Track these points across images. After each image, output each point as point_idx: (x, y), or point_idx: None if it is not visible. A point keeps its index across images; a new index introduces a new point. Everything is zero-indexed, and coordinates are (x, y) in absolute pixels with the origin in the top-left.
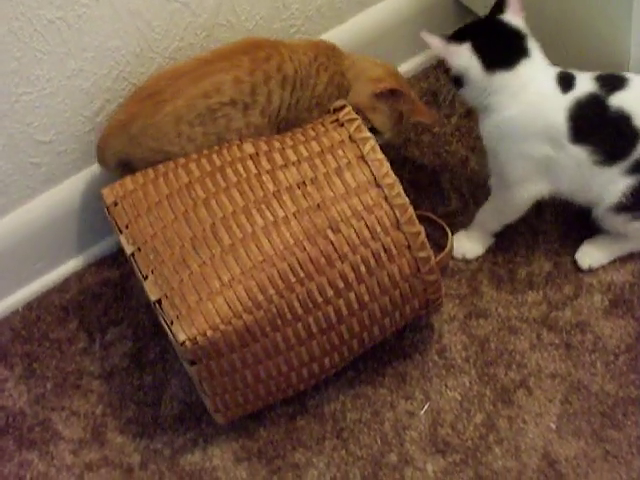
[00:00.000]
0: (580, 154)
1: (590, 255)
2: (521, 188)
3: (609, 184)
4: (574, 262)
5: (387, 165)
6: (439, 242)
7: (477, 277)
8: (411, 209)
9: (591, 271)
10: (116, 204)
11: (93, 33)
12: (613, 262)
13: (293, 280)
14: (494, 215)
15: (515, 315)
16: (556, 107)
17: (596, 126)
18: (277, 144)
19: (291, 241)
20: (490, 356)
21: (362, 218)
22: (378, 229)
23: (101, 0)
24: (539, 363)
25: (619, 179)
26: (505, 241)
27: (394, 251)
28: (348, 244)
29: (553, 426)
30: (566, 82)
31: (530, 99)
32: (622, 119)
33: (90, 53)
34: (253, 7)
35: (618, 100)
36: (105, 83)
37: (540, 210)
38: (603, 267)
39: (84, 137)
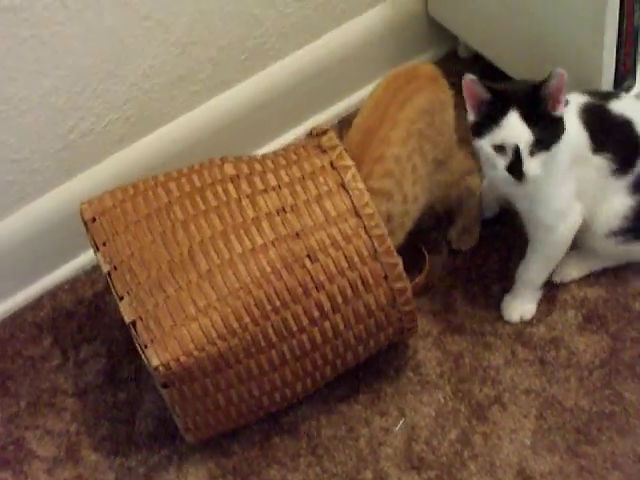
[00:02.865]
0: (602, 163)
1: (562, 270)
2: (567, 219)
3: (616, 199)
4: (547, 279)
5: (367, 195)
6: (415, 262)
7: (451, 293)
8: (389, 240)
9: (563, 284)
10: (94, 220)
11: (67, 51)
12: (586, 278)
13: (269, 308)
14: (544, 265)
15: (489, 331)
16: (571, 120)
17: (608, 130)
18: (258, 166)
19: (268, 269)
20: (465, 372)
21: (340, 247)
22: (356, 259)
23: (75, 18)
24: (513, 379)
25: (624, 197)
26: (479, 258)
27: (371, 281)
28: (325, 273)
29: (528, 442)
30: None
31: None
32: (625, 124)
33: (64, 71)
34: (226, 24)
35: (617, 107)
36: (78, 101)
37: (514, 227)
38: (576, 283)
39: (57, 155)
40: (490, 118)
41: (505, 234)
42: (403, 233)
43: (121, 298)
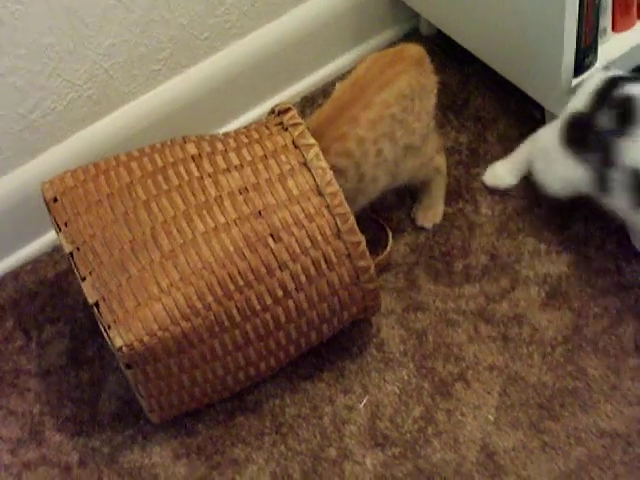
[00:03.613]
0: None
1: (496, 174)
2: None
3: None
4: (510, 255)
5: (330, 173)
6: (378, 239)
7: (414, 271)
8: (352, 219)
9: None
10: (55, 200)
11: (26, 30)
12: (549, 254)
13: (232, 288)
14: None
15: (452, 308)
16: None
17: None
18: (220, 145)
19: (231, 248)
20: (428, 349)
21: (303, 226)
22: (319, 238)
23: None
24: (477, 356)
25: None
26: (442, 235)
27: (334, 260)
28: (288, 252)
29: (491, 418)
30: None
31: None
32: None
33: (23, 50)
34: (187, 3)
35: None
36: (39, 80)
37: (477, 204)
38: (538, 259)
39: (19, 135)
40: None
41: (468, 211)
42: (354, 208)
43: (84, 279)
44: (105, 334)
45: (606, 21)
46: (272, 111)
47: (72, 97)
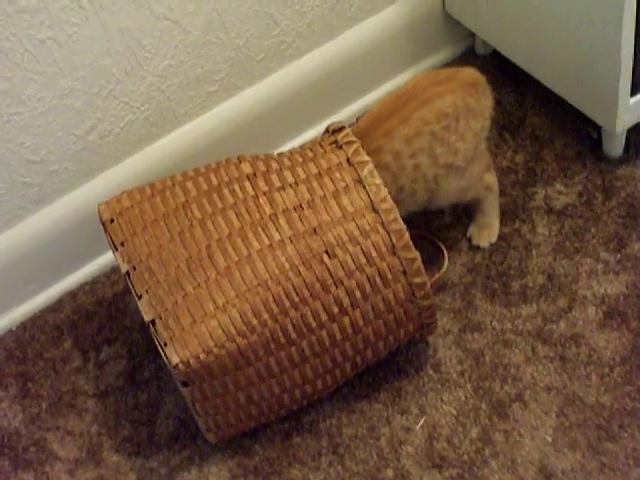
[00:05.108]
0: None
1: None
2: None
3: None
4: (567, 275)
5: (385, 190)
6: (433, 259)
7: (471, 291)
8: (407, 235)
9: (582, 282)
10: (112, 221)
11: (84, 52)
12: (606, 274)
13: (287, 305)
14: None
15: (509, 328)
16: None
17: None
18: (275, 164)
19: (287, 265)
20: (485, 370)
21: (358, 243)
22: (374, 254)
23: (91, 19)
24: (534, 376)
25: None
26: (498, 254)
27: (389, 276)
28: (343, 269)
29: (549, 439)
30: None
31: None
32: None
33: (81, 72)
34: (243, 24)
35: None
36: (96, 102)
37: (534, 224)
38: (596, 279)
39: (76, 156)
40: None
41: (524, 231)
42: None
43: (140, 297)
44: (161, 352)
45: None
46: (326, 130)
47: (129, 119)
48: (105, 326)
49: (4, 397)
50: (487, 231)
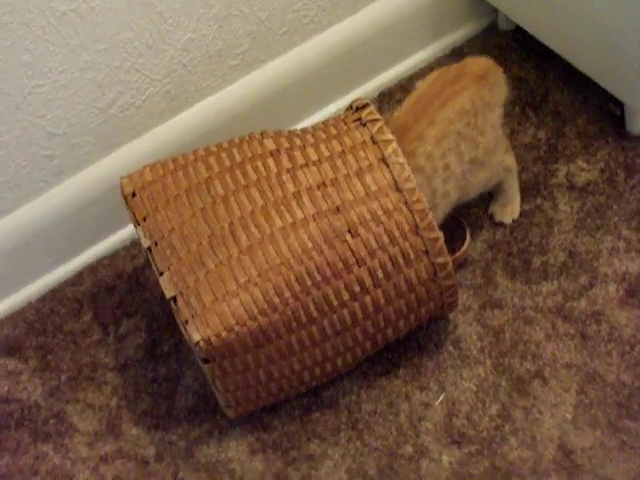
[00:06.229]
0: None
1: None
2: None
3: None
4: (588, 252)
5: (408, 169)
6: (455, 236)
7: (492, 267)
8: (431, 215)
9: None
10: (134, 195)
11: (106, 25)
12: (628, 251)
13: (309, 283)
14: None
15: (530, 305)
16: None
17: None
18: (298, 141)
19: (309, 244)
20: (505, 346)
21: (381, 222)
22: (397, 233)
23: None
24: (554, 353)
25: None
26: (520, 231)
27: (412, 256)
28: (366, 248)
29: (569, 416)
30: None
31: None
32: None
33: (103, 45)
34: None
35: None
36: (118, 75)
37: (555, 201)
38: (618, 256)
39: (97, 129)
40: None
41: (546, 208)
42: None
43: (161, 273)
44: (182, 329)
45: None
46: (350, 107)
47: (150, 92)
48: (125, 299)
49: (24, 370)
50: (509, 207)
